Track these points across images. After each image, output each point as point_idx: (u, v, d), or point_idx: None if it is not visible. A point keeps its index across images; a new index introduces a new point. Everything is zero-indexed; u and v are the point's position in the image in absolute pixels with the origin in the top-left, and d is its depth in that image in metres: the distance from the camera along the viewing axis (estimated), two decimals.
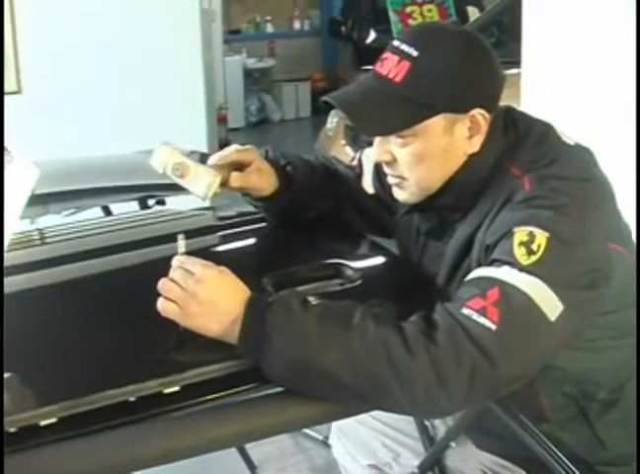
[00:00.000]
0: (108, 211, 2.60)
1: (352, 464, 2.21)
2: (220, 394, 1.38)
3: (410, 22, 8.61)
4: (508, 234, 1.49)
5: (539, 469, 1.68)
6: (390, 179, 1.73)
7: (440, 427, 2.03)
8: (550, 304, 1.42)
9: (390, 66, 1.61)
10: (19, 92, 4.48)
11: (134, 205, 2.55)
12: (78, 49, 4.66)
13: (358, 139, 5.28)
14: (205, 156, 1.92)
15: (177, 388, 1.37)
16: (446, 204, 1.70)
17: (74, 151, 2.98)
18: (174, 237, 1.53)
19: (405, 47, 1.61)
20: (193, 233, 1.55)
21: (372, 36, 9.46)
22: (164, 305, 1.42)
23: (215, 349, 1.43)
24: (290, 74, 11.01)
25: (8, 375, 1.41)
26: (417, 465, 2.03)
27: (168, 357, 1.46)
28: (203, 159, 1.89)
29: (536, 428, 1.60)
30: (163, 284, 1.43)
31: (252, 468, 3.20)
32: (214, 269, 1.45)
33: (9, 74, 4.43)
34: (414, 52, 1.59)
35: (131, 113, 4.78)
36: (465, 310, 1.41)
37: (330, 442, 2.39)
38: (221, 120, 8.82)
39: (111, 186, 2.62)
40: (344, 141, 5.62)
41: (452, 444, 1.95)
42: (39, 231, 2.14)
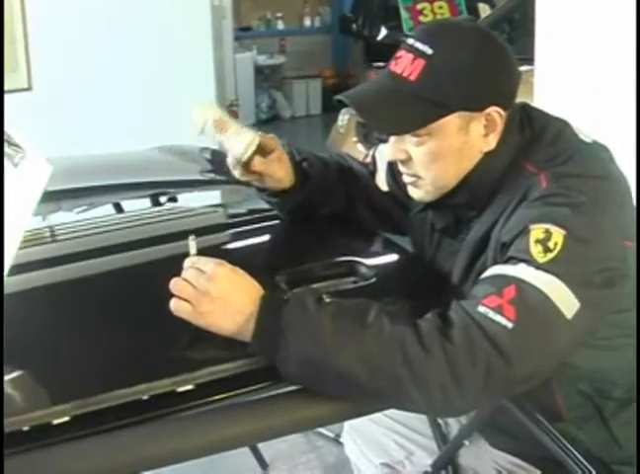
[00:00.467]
0: (119, 208, 2.59)
1: (364, 463, 2.20)
2: (233, 393, 1.38)
3: (421, 19, 8.61)
4: (524, 232, 1.48)
5: (554, 468, 1.68)
6: (405, 177, 1.72)
7: (454, 425, 2.02)
8: (567, 302, 1.41)
9: (405, 65, 1.60)
10: (30, 89, 4.48)
11: (146, 203, 2.55)
12: (89, 46, 4.66)
13: (369, 136, 5.27)
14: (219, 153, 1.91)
15: (190, 387, 1.36)
16: (462, 202, 1.69)
17: (85, 148, 2.97)
18: (186, 235, 1.53)
19: (419, 45, 1.60)
20: (205, 231, 1.55)
21: (383, 32, 9.43)
22: (177, 304, 1.41)
23: (228, 347, 1.42)
24: (301, 71, 10.99)
25: (20, 374, 1.42)
26: (430, 464, 2.03)
27: (181, 356, 1.45)
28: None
29: (552, 426, 1.59)
30: (175, 284, 1.42)
31: (264, 466, 3.22)
32: (227, 267, 1.44)
33: (20, 71, 4.43)
34: (428, 50, 1.58)
35: (142, 110, 4.78)
36: (481, 308, 1.40)
37: (342, 441, 2.39)
38: (232, 117, 8.82)
39: (122, 183, 2.61)
40: (355, 138, 5.62)
41: (466, 443, 1.94)
42: (50, 228, 2.15)
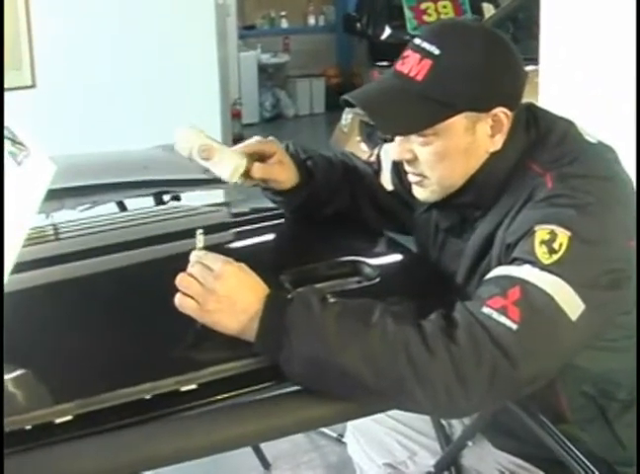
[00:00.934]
0: (123, 207, 2.59)
1: (367, 463, 2.20)
2: (237, 392, 1.37)
3: (425, 18, 8.63)
4: (529, 233, 1.48)
5: (557, 469, 1.67)
6: (411, 177, 1.72)
7: (457, 425, 2.02)
8: (571, 304, 1.40)
9: (412, 64, 1.60)
10: (34, 86, 4.48)
11: (150, 201, 2.54)
12: (93, 44, 4.67)
13: (373, 136, 5.28)
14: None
15: (193, 386, 1.36)
16: (467, 202, 1.69)
17: (89, 146, 2.98)
18: (189, 233, 1.52)
19: (426, 45, 1.59)
20: (209, 229, 1.53)
21: (387, 32, 9.44)
22: (182, 301, 1.41)
23: (233, 346, 1.42)
24: (305, 70, 11.00)
25: (22, 372, 1.42)
26: (433, 464, 2.02)
27: (185, 355, 1.45)
28: None
29: (555, 427, 1.59)
30: (181, 280, 1.42)
31: (266, 465, 3.22)
32: (234, 265, 1.44)
33: (24, 69, 4.43)
34: (435, 51, 1.58)
35: (146, 108, 4.79)
36: (485, 309, 1.40)
37: (345, 440, 2.38)
38: (236, 116, 8.82)
39: (126, 181, 2.61)
40: (359, 138, 5.63)
41: (469, 444, 1.93)
42: (53, 226, 2.14)
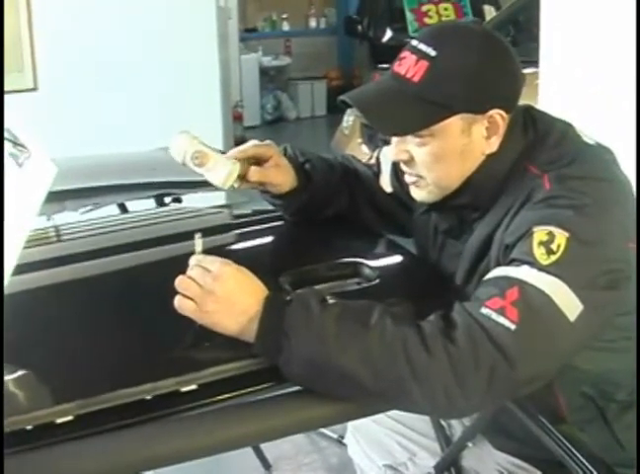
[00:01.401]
0: (124, 209, 2.60)
1: (367, 464, 2.20)
2: (237, 393, 1.38)
3: (426, 20, 8.64)
4: (527, 234, 1.49)
5: (556, 470, 1.67)
6: (408, 178, 1.72)
7: (457, 426, 2.02)
8: (570, 304, 1.41)
9: (408, 66, 1.61)
10: (35, 89, 4.49)
11: (151, 203, 2.55)
12: (94, 47, 4.67)
13: (374, 138, 5.28)
14: (222, 153, 1.91)
15: (194, 387, 1.36)
16: (465, 204, 1.69)
17: (90, 149, 2.98)
18: (190, 235, 1.53)
19: (423, 47, 1.60)
20: (209, 231, 1.54)
21: (388, 34, 9.44)
22: (181, 302, 1.42)
23: (232, 347, 1.42)
24: (306, 72, 11.00)
25: (24, 373, 1.42)
26: (433, 465, 2.02)
27: (184, 356, 1.45)
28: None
29: (554, 428, 1.59)
30: (180, 282, 1.43)
31: (267, 467, 3.22)
32: (232, 266, 1.44)
33: (26, 72, 4.44)
34: (432, 52, 1.58)
35: (147, 110, 4.78)
36: (484, 310, 1.40)
37: (345, 442, 2.38)
38: (237, 118, 8.84)
39: (127, 183, 2.61)
40: (360, 140, 5.63)
41: (469, 445, 1.94)
42: (54, 228, 2.14)
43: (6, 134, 1.43)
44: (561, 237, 1.44)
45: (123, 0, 4.73)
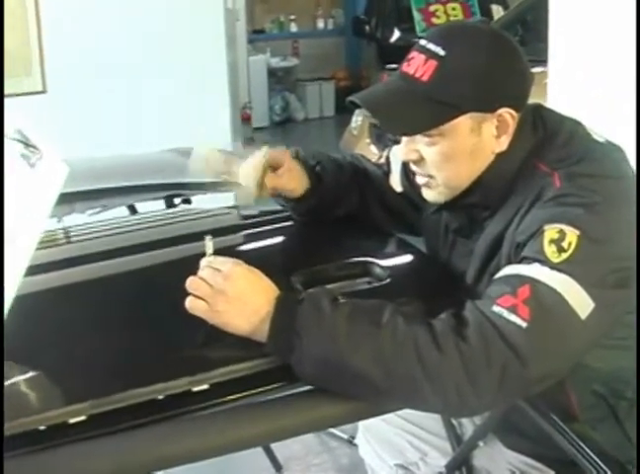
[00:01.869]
0: (133, 210, 2.60)
1: (378, 463, 2.20)
2: (249, 392, 1.38)
3: (434, 20, 8.63)
4: (538, 232, 1.48)
5: (569, 469, 1.67)
6: (418, 178, 1.72)
7: (468, 426, 2.02)
8: (581, 302, 1.40)
9: (417, 65, 1.61)
10: (44, 92, 4.50)
11: (160, 205, 2.55)
12: (102, 49, 4.68)
13: (382, 138, 5.27)
14: (230, 154, 1.92)
15: (206, 386, 1.36)
16: (475, 203, 1.69)
17: (99, 151, 2.98)
18: (200, 236, 1.53)
19: (432, 46, 1.60)
20: (219, 232, 1.55)
21: (396, 34, 9.43)
22: (192, 303, 1.42)
23: (243, 347, 1.42)
24: (314, 73, 10.99)
25: (37, 373, 1.42)
26: (444, 465, 2.02)
27: (196, 356, 1.46)
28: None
29: (566, 427, 1.59)
30: (191, 282, 1.43)
31: (277, 467, 3.21)
32: (243, 266, 1.45)
33: (34, 74, 4.45)
34: (441, 51, 1.58)
35: (156, 112, 4.80)
36: (495, 308, 1.40)
37: (356, 442, 2.38)
38: (245, 120, 8.83)
39: (137, 184, 2.60)
40: (368, 140, 5.62)
41: (480, 444, 1.93)
42: (64, 230, 2.15)
43: (17, 135, 1.44)
44: (572, 235, 1.44)
45: (131, 3, 4.74)
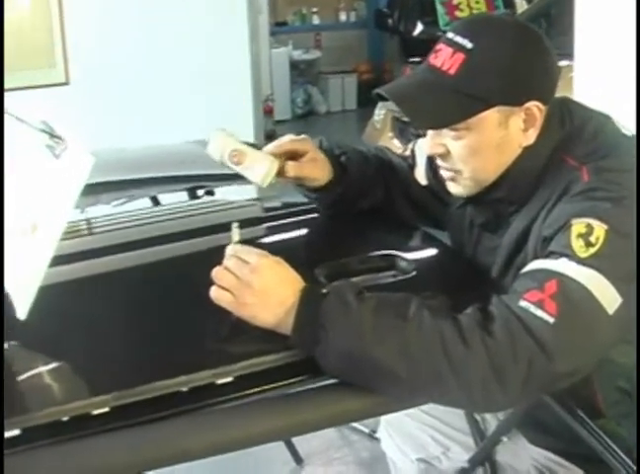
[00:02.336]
0: (156, 202, 2.60)
1: (400, 458, 2.19)
2: (272, 385, 1.37)
3: (457, 13, 8.60)
4: (565, 226, 1.47)
5: (593, 465, 1.67)
6: (444, 172, 1.71)
7: (492, 421, 2.00)
8: (608, 297, 1.39)
9: (444, 58, 1.60)
10: (67, 83, 4.51)
11: (183, 196, 2.55)
12: (125, 41, 4.69)
13: (405, 132, 5.26)
14: (255, 147, 1.91)
15: (230, 379, 1.36)
16: (501, 197, 1.68)
17: (122, 142, 2.99)
18: (224, 227, 1.53)
19: (459, 39, 1.59)
20: (243, 224, 1.53)
21: (419, 28, 9.39)
22: (218, 293, 1.41)
23: (268, 339, 1.41)
24: (336, 66, 10.99)
25: (60, 364, 1.43)
26: (467, 460, 2.01)
27: (220, 348, 1.45)
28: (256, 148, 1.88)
29: (592, 423, 1.57)
30: (217, 273, 1.42)
31: (298, 461, 3.22)
32: (270, 258, 1.44)
33: (58, 66, 4.47)
34: (468, 44, 1.57)
35: (179, 104, 4.80)
36: (522, 303, 1.39)
37: (378, 436, 2.37)
38: (268, 112, 8.83)
39: (160, 176, 2.61)
40: (391, 133, 5.60)
41: (504, 439, 1.92)
42: (86, 221, 2.15)
43: (42, 126, 1.44)
44: (600, 229, 1.43)
45: None
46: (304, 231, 2.06)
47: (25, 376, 1.40)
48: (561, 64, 1.74)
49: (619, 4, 2.99)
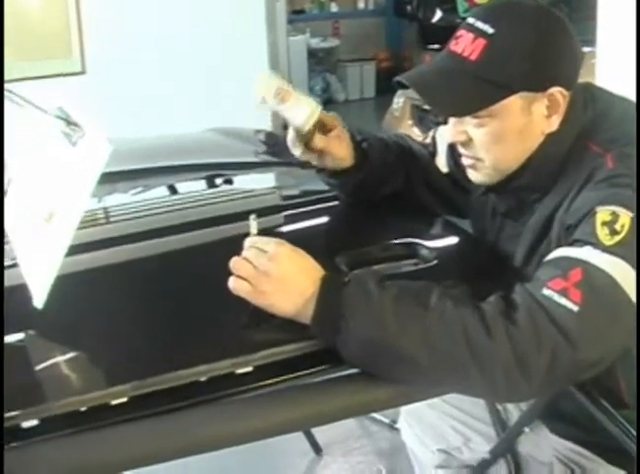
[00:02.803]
0: (174, 191, 2.59)
1: (420, 448, 2.19)
2: (292, 375, 1.36)
3: (476, 0, 8.53)
4: (590, 214, 1.44)
5: (617, 457, 1.65)
6: (465, 160, 1.70)
7: (513, 411, 1.99)
8: (633, 286, 1.36)
9: (465, 44, 1.58)
10: (83, 73, 4.51)
11: (201, 185, 2.54)
12: (141, 30, 4.68)
13: (424, 119, 5.25)
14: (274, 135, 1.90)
15: (249, 369, 1.34)
16: (524, 185, 1.66)
17: (138, 132, 2.98)
18: (242, 216, 1.52)
19: (480, 24, 1.57)
20: (262, 212, 1.53)
21: (438, 15, 9.36)
22: (236, 283, 1.40)
23: (287, 329, 1.40)
24: (355, 54, 10.97)
25: (78, 354, 1.43)
26: (488, 450, 2.00)
27: (239, 338, 1.44)
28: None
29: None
30: (235, 262, 1.41)
31: (317, 450, 3.22)
32: (288, 247, 1.42)
33: (74, 56, 4.47)
34: (489, 30, 1.55)
35: (195, 93, 4.79)
36: (546, 291, 1.36)
37: (398, 426, 2.37)
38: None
39: (178, 164, 2.60)
40: (410, 121, 5.59)
41: (526, 430, 1.90)
42: (104, 210, 2.16)
43: (59, 113, 1.43)
44: (625, 217, 1.40)
45: None
46: (324, 219, 2.05)
47: (42, 366, 1.39)
48: (585, 50, 1.72)
49: None
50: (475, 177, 1.70)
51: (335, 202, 2.03)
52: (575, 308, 1.34)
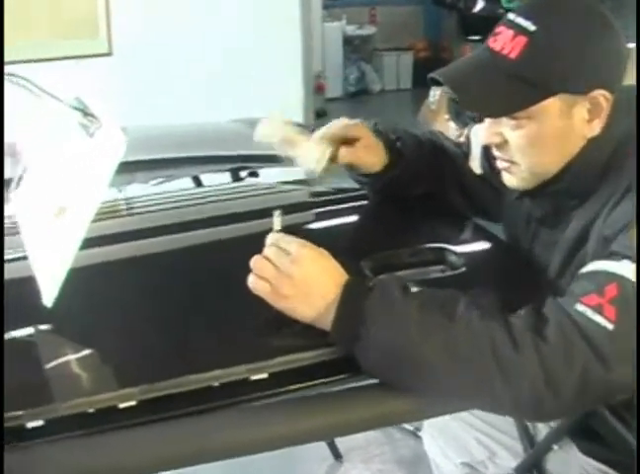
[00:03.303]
0: (198, 182, 2.55)
1: (443, 460, 2.15)
2: (309, 384, 1.32)
3: None
4: (629, 226, 1.39)
5: None
6: (499, 163, 1.64)
7: (542, 426, 1.93)
8: None
9: (504, 41, 1.52)
10: (110, 54, 4.50)
11: (226, 177, 2.50)
12: (172, 14, 4.67)
13: (462, 114, 5.18)
14: (304, 128, 1.86)
15: (264, 375, 1.31)
16: (562, 190, 1.60)
17: (164, 117, 2.95)
18: (267, 212, 1.48)
19: (521, 21, 1.51)
20: (287, 209, 1.50)
21: (480, 4, 9.30)
22: (256, 283, 1.36)
23: (306, 335, 1.37)
24: (392, 43, 10.92)
25: (88, 353, 1.40)
26: (514, 467, 1.94)
27: (256, 342, 1.40)
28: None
29: None
30: (256, 262, 1.37)
31: (337, 456, 3.19)
32: (311, 249, 1.38)
33: (101, 36, 4.47)
34: (531, 27, 1.49)
35: (227, 80, 4.77)
36: (579, 306, 1.31)
37: (421, 435, 2.32)
38: (319, 90, 8.80)
39: (202, 155, 2.58)
40: (447, 116, 5.53)
41: (555, 447, 1.85)
42: (125, 201, 2.13)
43: (76, 103, 1.42)
44: None
45: None
46: (351, 219, 2.01)
47: (51, 364, 1.35)
48: (629, 46, 1.66)
49: None
50: (510, 181, 1.65)
51: (363, 202, 2.00)
52: (609, 326, 1.28)
